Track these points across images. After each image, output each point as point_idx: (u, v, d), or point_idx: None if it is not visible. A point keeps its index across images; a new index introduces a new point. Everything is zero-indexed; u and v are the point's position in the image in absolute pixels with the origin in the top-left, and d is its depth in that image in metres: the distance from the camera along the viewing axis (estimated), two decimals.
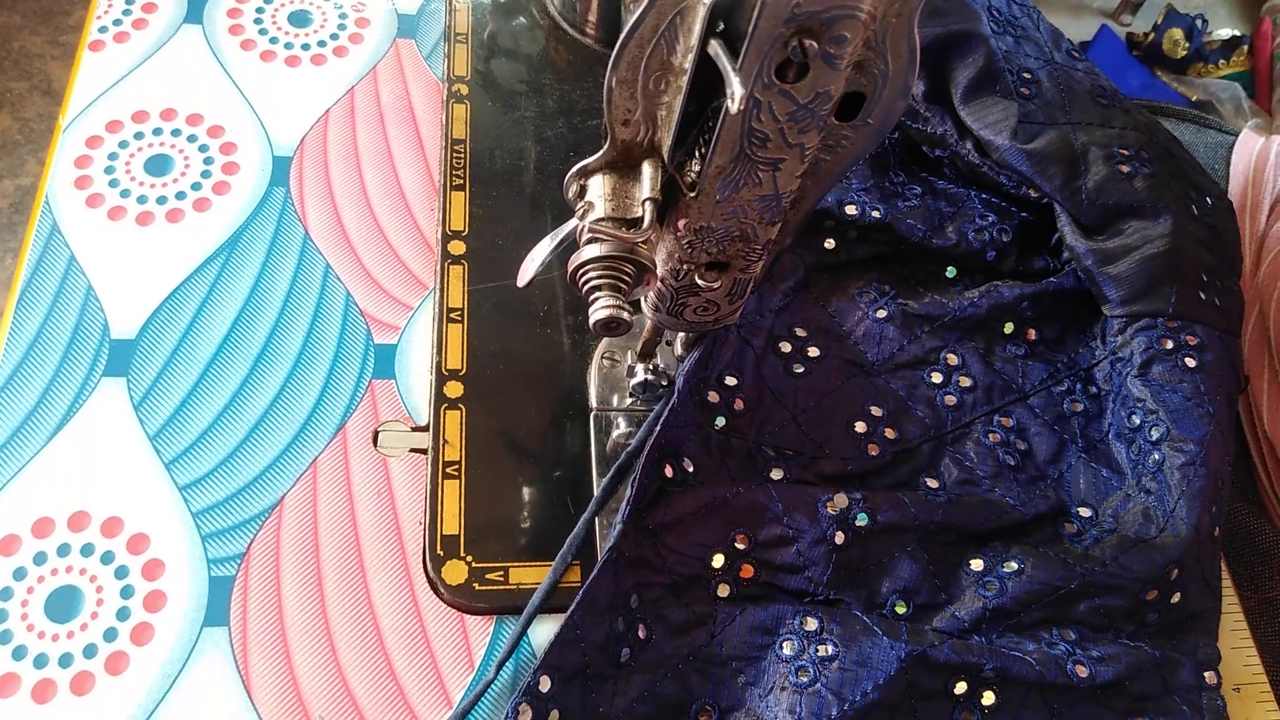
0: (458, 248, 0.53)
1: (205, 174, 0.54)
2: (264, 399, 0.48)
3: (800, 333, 0.50)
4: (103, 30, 0.58)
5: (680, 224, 0.35)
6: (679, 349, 0.47)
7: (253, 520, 0.44)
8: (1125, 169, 0.52)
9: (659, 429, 0.43)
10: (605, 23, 0.62)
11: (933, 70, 0.55)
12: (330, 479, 0.46)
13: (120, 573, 0.42)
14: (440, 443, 0.47)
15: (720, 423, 0.46)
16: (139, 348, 0.48)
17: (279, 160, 0.55)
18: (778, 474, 0.46)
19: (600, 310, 0.34)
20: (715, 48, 0.28)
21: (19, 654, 0.40)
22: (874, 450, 0.48)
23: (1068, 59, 0.57)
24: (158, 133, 0.55)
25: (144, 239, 0.51)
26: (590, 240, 0.34)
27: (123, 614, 0.42)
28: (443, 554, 0.44)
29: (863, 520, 0.43)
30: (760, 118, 0.30)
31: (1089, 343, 0.53)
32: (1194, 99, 1.37)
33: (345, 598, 0.43)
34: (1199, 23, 1.43)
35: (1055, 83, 0.54)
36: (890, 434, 0.49)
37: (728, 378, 0.47)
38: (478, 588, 0.44)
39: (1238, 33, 1.45)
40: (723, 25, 0.29)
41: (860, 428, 0.48)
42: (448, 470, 0.46)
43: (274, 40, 0.60)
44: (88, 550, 0.43)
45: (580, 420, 0.48)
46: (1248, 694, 0.47)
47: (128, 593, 0.42)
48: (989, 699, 0.41)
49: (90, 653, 0.41)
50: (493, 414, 0.48)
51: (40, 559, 0.42)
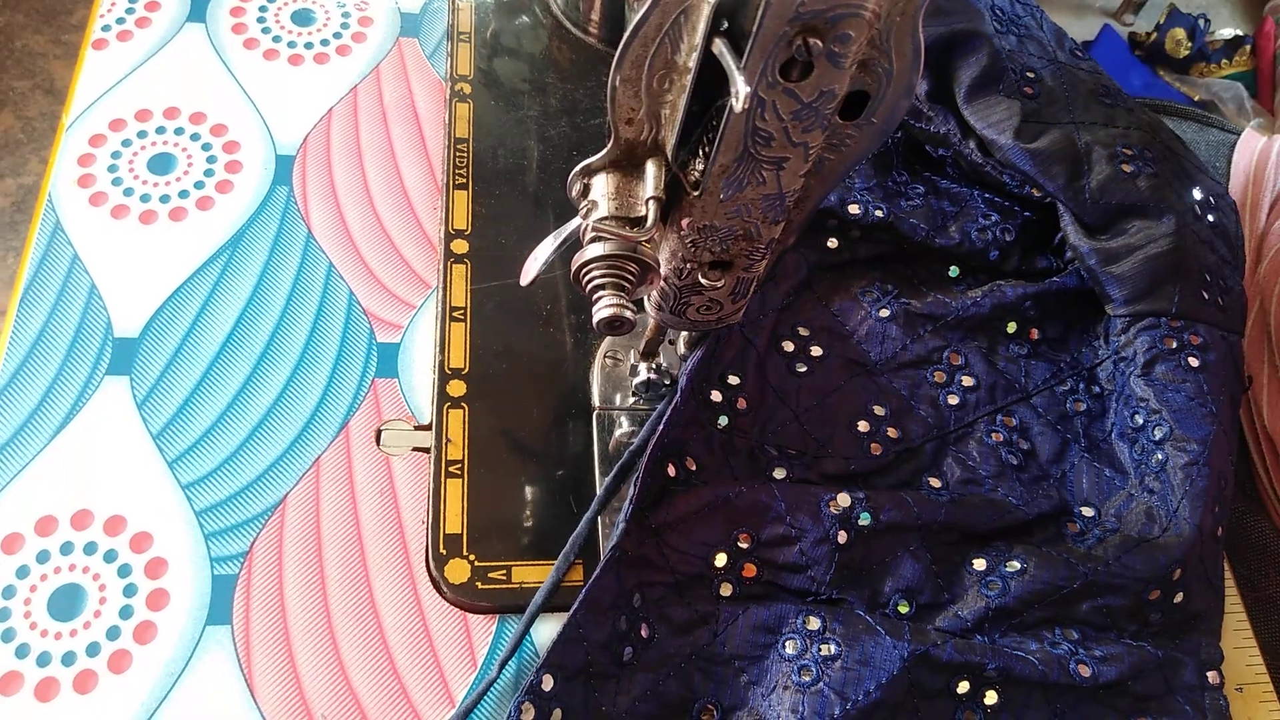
0: (460, 246, 0.53)
1: (208, 172, 0.54)
2: (267, 398, 0.48)
3: (803, 332, 0.50)
4: (106, 29, 0.58)
5: (684, 223, 0.35)
6: (682, 348, 0.47)
7: (255, 519, 0.44)
8: (1128, 169, 0.51)
9: (662, 428, 0.43)
10: (608, 21, 0.62)
11: (936, 69, 0.55)
12: (333, 478, 0.46)
13: (123, 571, 0.43)
14: (443, 442, 0.47)
15: (723, 422, 0.46)
16: (142, 346, 0.48)
17: (282, 159, 0.55)
18: (780, 473, 0.46)
19: (604, 309, 0.34)
20: (719, 46, 0.28)
21: (22, 652, 0.40)
22: (877, 449, 0.48)
23: (1071, 58, 0.57)
24: (161, 131, 0.55)
25: (147, 237, 0.51)
26: (594, 239, 0.34)
27: (126, 612, 0.42)
28: (445, 553, 0.44)
29: (865, 520, 0.43)
30: (764, 116, 0.30)
31: (1092, 342, 0.52)
32: (1196, 99, 1.36)
33: (348, 596, 0.43)
34: (1201, 22, 1.43)
35: (1058, 82, 0.54)
36: (893, 433, 0.49)
37: (730, 377, 0.47)
38: (480, 587, 0.44)
39: (1240, 32, 1.45)
40: (727, 24, 0.29)
41: (863, 427, 0.48)
42: (450, 469, 0.46)
43: (277, 39, 0.60)
44: (91, 549, 0.43)
45: (583, 419, 0.48)
46: (1250, 694, 0.47)
47: (130, 591, 0.42)
48: (991, 698, 0.41)
49: (93, 651, 0.41)
50: (495, 413, 0.48)
51: (43, 557, 0.42)
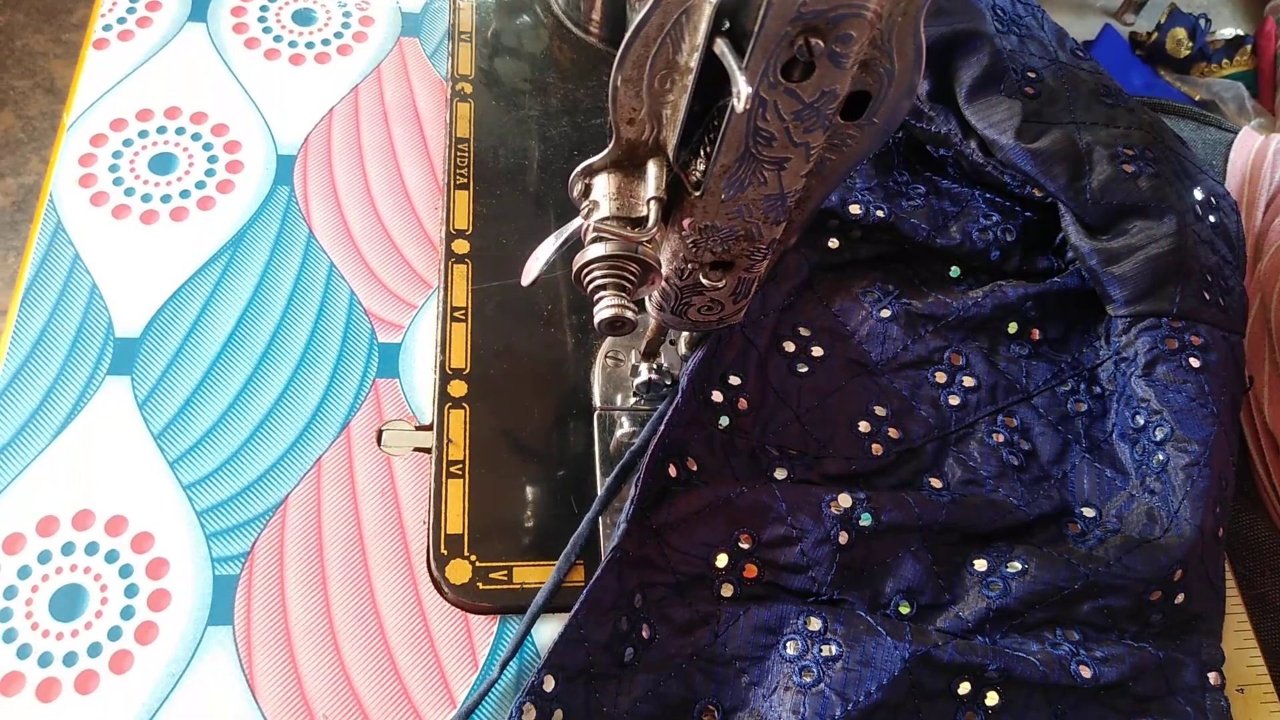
0: (462, 246, 0.52)
1: (209, 172, 0.54)
2: (268, 398, 0.48)
3: (804, 332, 0.50)
4: (107, 28, 0.58)
5: (685, 223, 0.35)
6: (683, 348, 0.47)
7: (257, 519, 0.44)
8: (1129, 169, 0.51)
9: (663, 428, 0.43)
10: (609, 21, 0.62)
11: (937, 69, 0.54)
12: (334, 478, 0.46)
13: (124, 571, 0.43)
14: (444, 442, 0.47)
15: (724, 422, 0.46)
16: (143, 346, 0.48)
17: (283, 159, 0.55)
18: (781, 474, 0.46)
19: (605, 309, 0.34)
20: (721, 47, 0.28)
21: (23, 652, 0.40)
22: (878, 450, 0.48)
23: (1072, 58, 0.57)
24: (162, 131, 0.55)
25: (148, 237, 0.51)
26: (595, 239, 0.34)
27: (127, 613, 0.42)
28: (446, 553, 0.44)
29: (866, 520, 0.43)
30: (766, 117, 0.30)
31: (1093, 343, 0.52)
32: (1197, 98, 1.36)
33: (349, 597, 0.43)
34: (1202, 22, 1.43)
35: (1059, 82, 0.54)
36: (894, 434, 0.49)
37: (731, 377, 0.47)
38: (481, 587, 0.44)
39: (1241, 32, 1.45)
40: (728, 24, 0.29)
41: (864, 427, 0.48)
42: (451, 469, 0.46)
43: (278, 38, 0.60)
44: (92, 549, 0.43)
45: (584, 419, 0.48)
46: (1251, 695, 0.47)
47: (132, 591, 0.42)
48: (993, 699, 0.41)
49: (94, 651, 0.41)
50: (496, 413, 0.48)
51: (45, 557, 0.42)
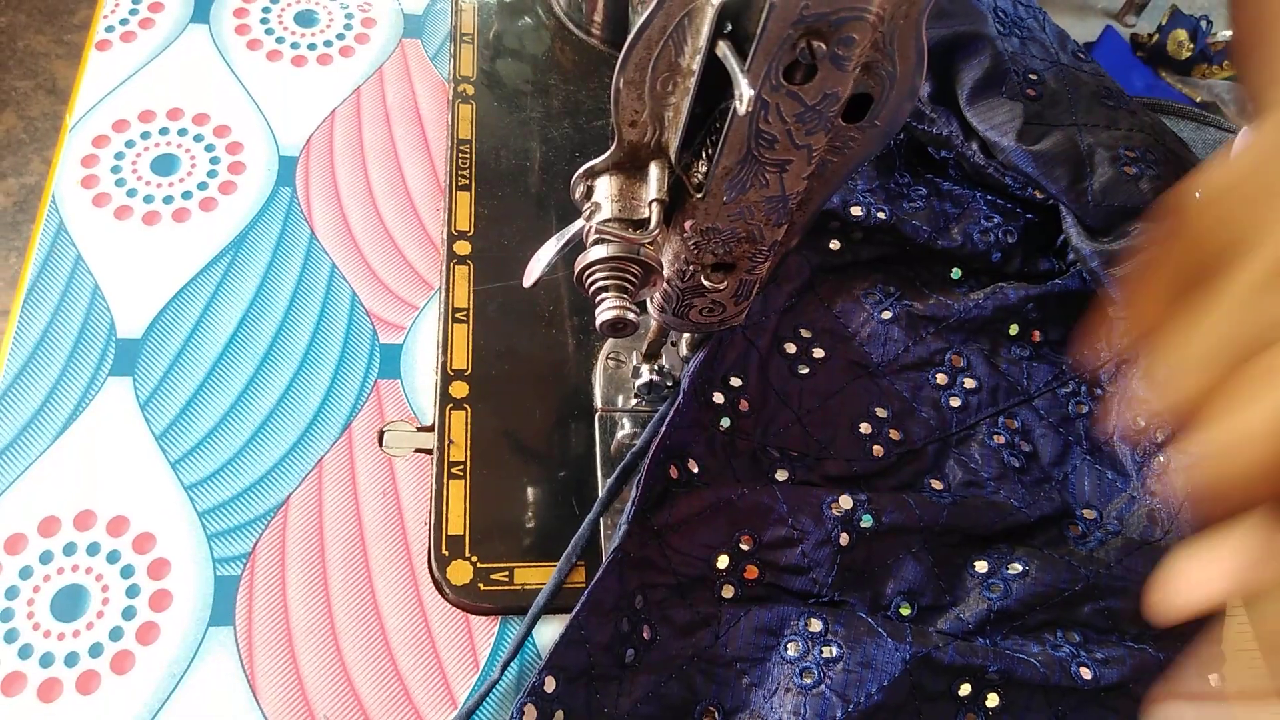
0: (463, 248, 0.53)
1: (211, 173, 0.54)
2: (270, 398, 0.48)
3: (805, 334, 0.50)
4: (109, 30, 0.58)
5: (687, 225, 0.35)
6: (684, 350, 0.47)
7: (258, 520, 0.45)
8: (1131, 170, 0.51)
9: (664, 430, 0.43)
10: (611, 23, 0.62)
11: (939, 71, 0.55)
12: (335, 479, 0.46)
13: (126, 572, 0.43)
14: (445, 443, 0.47)
15: (725, 424, 0.46)
16: (145, 347, 0.48)
17: (285, 160, 0.55)
18: (782, 475, 0.46)
19: (607, 311, 0.34)
20: (723, 49, 0.28)
21: (25, 653, 0.40)
22: (879, 451, 0.48)
23: (1073, 60, 0.57)
24: (164, 132, 0.55)
25: (150, 238, 0.51)
26: (597, 241, 0.34)
27: (128, 613, 0.42)
28: (448, 554, 0.44)
29: (867, 522, 0.43)
30: (768, 119, 0.30)
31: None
32: (1198, 100, 1.36)
33: (350, 598, 0.43)
34: (1204, 24, 1.43)
35: (1061, 84, 0.54)
36: (895, 435, 0.49)
37: (733, 378, 0.47)
38: (482, 588, 0.44)
39: None
40: (730, 27, 0.29)
41: (865, 429, 0.48)
42: (453, 470, 0.46)
43: (280, 40, 0.60)
44: (94, 549, 0.43)
45: (585, 421, 0.48)
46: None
47: (133, 592, 0.42)
48: (993, 701, 0.41)
49: (96, 652, 0.41)
50: (498, 414, 0.48)
51: (46, 558, 0.42)
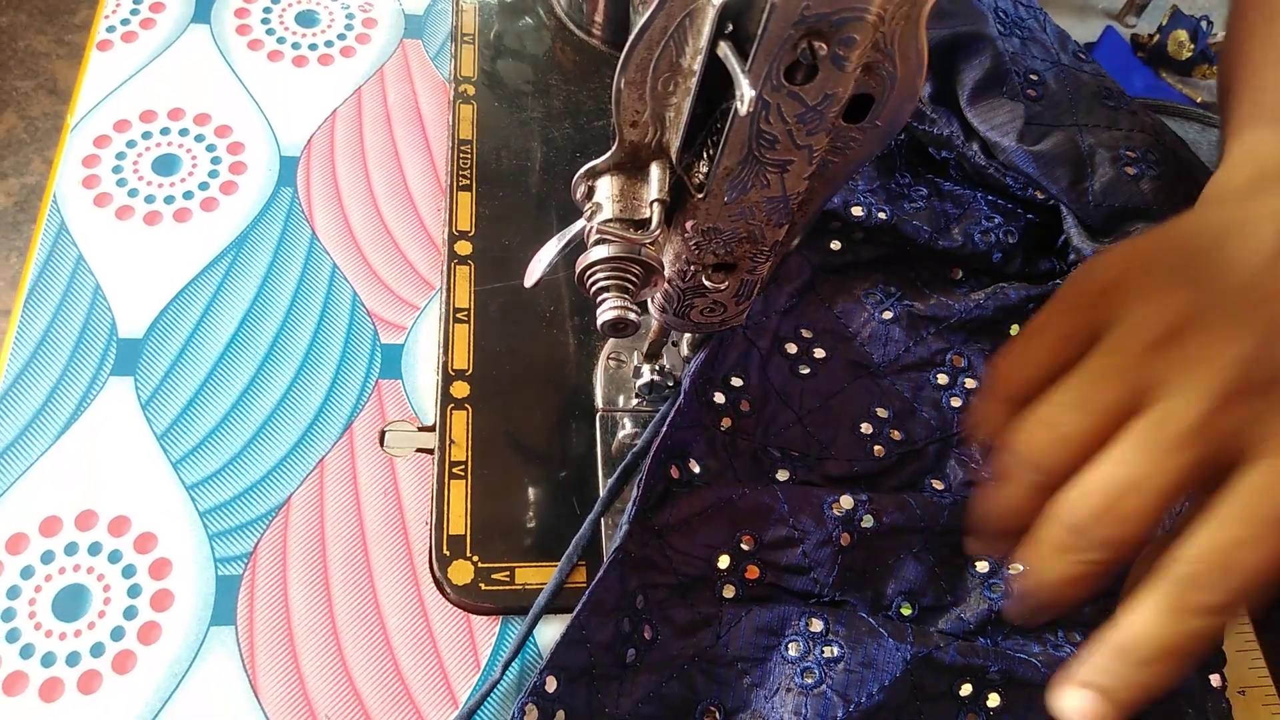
0: (464, 248, 0.53)
1: (213, 174, 0.54)
2: (271, 398, 0.48)
3: (806, 334, 0.50)
4: (111, 30, 0.58)
5: (688, 225, 0.35)
6: (685, 350, 0.47)
7: (260, 520, 0.45)
8: (1132, 171, 0.51)
9: (665, 430, 0.43)
10: (611, 23, 0.62)
11: (939, 72, 0.55)
12: (337, 479, 0.46)
13: (127, 571, 0.43)
14: (446, 443, 0.47)
15: (726, 424, 0.46)
16: (146, 347, 0.48)
17: (286, 160, 0.55)
18: (783, 475, 0.46)
19: (608, 311, 0.34)
20: (724, 49, 0.28)
21: (26, 652, 0.40)
22: (880, 452, 0.48)
23: (1074, 60, 0.57)
24: (165, 132, 0.55)
25: (151, 238, 0.51)
26: (598, 241, 0.34)
27: (130, 613, 0.42)
28: (449, 554, 0.44)
29: (868, 522, 0.43)
30: (769, 119, 0.30)
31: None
32: (1199, 100, 1.37)
33: (351, 597, 0.43)
34: (1204, 24, 1.43)
35: (1062, 84, 0.54)
36: (896, 435, 0.49)
37: (734, 379, 0.47)
38: (484, 588, 0.44)
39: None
40: (732, 27, 0.29)
41: (866, 429, 0.48)
42: (454, 470, 0.46)
43: (281, 40, 0.60)
44: (95, 549, 0.43)
45: (586, 421, 0.48)
46: (1253, 697, 0.47)
47: (135, 592, 0.42)
48: (994, 701, 0.41)
49: (97, 651, 0.41)
50: (499, 414, 0.48)
51: (48, 557, 0.43)
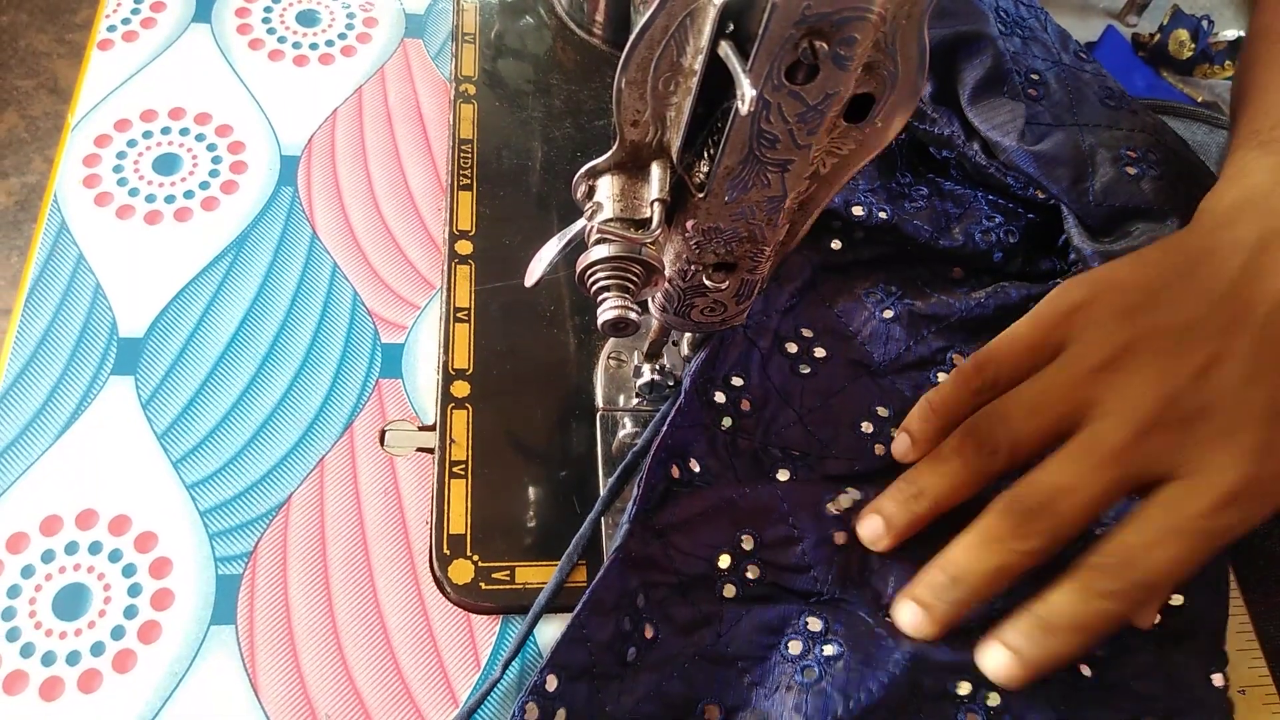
0: (465, 247, 0.53)
1: (213, 173, 0.54)
2: (271, 398, 0.48)
3: (807, 333, 0.51)
4: (111, 29, 0.58)
5: (688, 225, 0.35)
6: (685, 349, 0.47)
7: (260, 519, 0.45)
8: (1132, 170, 0.51)
9: (665, 429, 0.43)
10: (612, 23, 0.62)
11: (940, 71, 0.55)
12: (337, 478, 0.46)
13: (128, 571, 0.43)
14: (447, 442, 0.47)
15: (727, 423, 0.46)
16: (147, 346, 0.48)
17: (287, 159, 0.55)
18: (784, 474, 0.46)
19: (608, 311, 0.34)
20: (725, 49, 0.28)
21: (27, 651, 0.41)
22: (880, 451, 0.48)
23: (1075, 60, 0.57)
24: (166, 131, 0.55)
25: (152, 238, 0.51)
26: (598, 241, 0.34)
27: (130, 612, 0.42)
28: (449, 553, 0.44)
29: None
30: (769, 119, 0.30)
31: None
32: (1199, 100, 1.36)
33: (352, 596, 0.43)
34: (1205, 24, 1.43)
35: (1063, 84, 0.54)
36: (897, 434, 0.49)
37: (734, 378, 0.47)
38: (484, 587, 0.44)
39: (1243, 34, 1.45)
40: (733, 26, 0.29)
41: (867, 428, 0.48)
42: (454, 469, 0.46)
43: (282, 40, 0.60)
44: (95, 548, 0.43)
45: (586, 420, 0.49)
46: (1253, 696, 0.47)
47: (135, 591, 0.42)
48: (994, 700, 0.41)
49: (98, 650, 0.41)
50: (499, 414, 0.48)
51: (48, 557, 0.43)
